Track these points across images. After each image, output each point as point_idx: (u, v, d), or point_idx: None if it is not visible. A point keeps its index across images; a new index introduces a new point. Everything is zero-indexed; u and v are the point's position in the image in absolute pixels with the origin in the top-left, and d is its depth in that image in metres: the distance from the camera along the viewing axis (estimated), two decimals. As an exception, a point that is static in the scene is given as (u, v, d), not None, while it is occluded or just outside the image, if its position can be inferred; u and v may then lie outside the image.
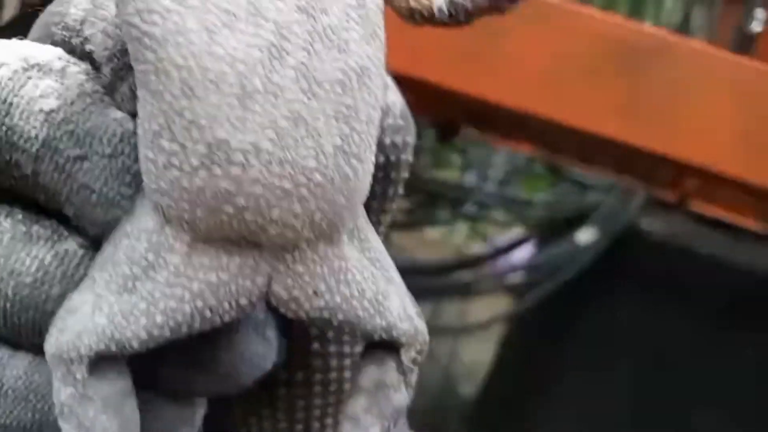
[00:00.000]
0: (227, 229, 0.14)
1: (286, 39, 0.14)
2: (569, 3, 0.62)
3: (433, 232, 1.27)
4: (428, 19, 0.16)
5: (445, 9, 0.16)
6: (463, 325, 1.15)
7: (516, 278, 1.10)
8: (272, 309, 0.17)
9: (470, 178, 1.16)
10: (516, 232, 1.15)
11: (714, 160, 0.61)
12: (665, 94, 0.60)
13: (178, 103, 0.14)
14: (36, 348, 0.16)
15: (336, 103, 0.14)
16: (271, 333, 0.18)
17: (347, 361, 0.21)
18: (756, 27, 1.21)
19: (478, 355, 1.14)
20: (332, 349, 0.21)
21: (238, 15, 0.14)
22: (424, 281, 1.05)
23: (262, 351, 0.17)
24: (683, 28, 1.26)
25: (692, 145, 0.61)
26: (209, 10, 0.14)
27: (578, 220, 1.02)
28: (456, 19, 0.16)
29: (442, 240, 1.25)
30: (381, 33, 0.15)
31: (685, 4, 1.30)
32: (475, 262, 1.13)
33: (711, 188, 0.76)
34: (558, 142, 0.78)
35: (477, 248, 1.18)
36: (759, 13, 1.20)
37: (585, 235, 1.00)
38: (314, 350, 0.20)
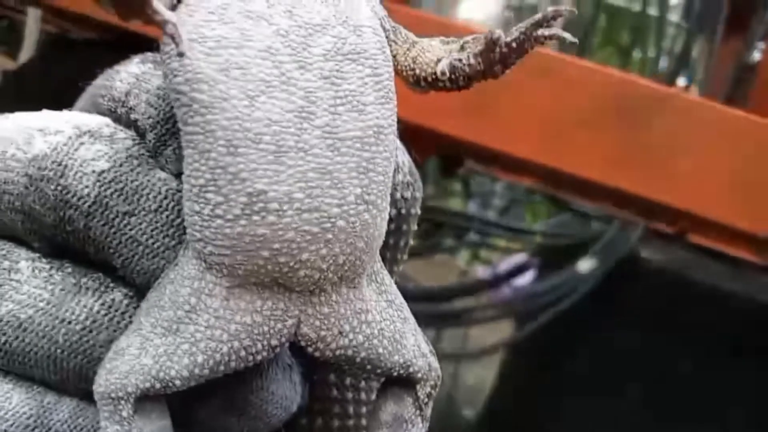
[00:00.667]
0: (262, 273, 0.16)
1: (314, 103, 0.16)
2: (569, 56, 0.64)
3: (437, 258, 1.29)
4: (432, 84, 0.19)
5: (447, 72, 0.18)
6: (465, 350, 1.16)
7: (517, 305, 1.11)
8: (296, 354, 0.19)
9: (473, 207, 1.18)
10: (518, 258, 1.16)
11: (709, 209, 0.63)
12: (661, 145, 0.63)
13: (223, 160, 0.16)
14: (81, 393, 0.18)
15: (357, 158, 0.17)
16: (297, 377, 0.20)
17: (364, 409, 0.22)
18: (756, 57, 1.23)
19: (480, 379, 1.16)
20: (350, 396, 0.22)
21: (273, 83, 0.16)
22: (428, 307, 1.06)
23: (289, 394, 0.19)
24: (684, 57, 1.28)
25: (687, 193, 0.63)
26: (249, 79, 0.16)
27: (579, 249, 1.04)
28: (456, 83, 0.18)
29: (446, 265, 1.27)
30: (393, 96, 0.18)
31: (686, 33, 1.33)
32: (477, 288, 1.14)
33: (708, 227, 0.77)
34: (558, 181, 0.81)
35: (480, 273, 1.20)
36: (759, 44, 1.22)
37: (585, 264, 1.02)
38: (333, 397, 0.22)
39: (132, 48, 0.21)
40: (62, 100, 0.21)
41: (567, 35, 0.18)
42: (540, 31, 0.17)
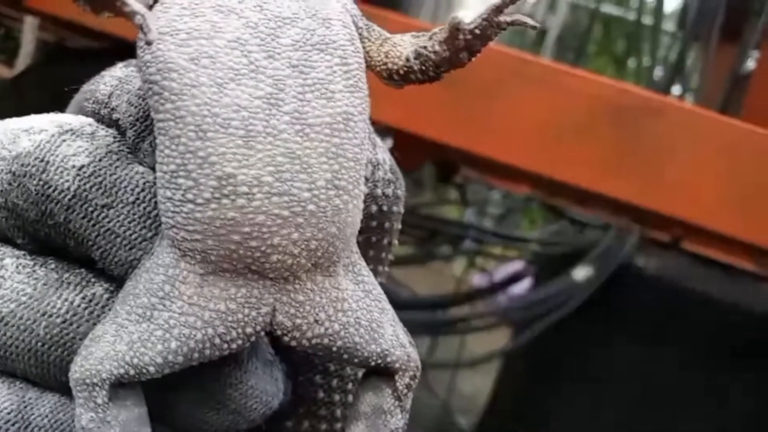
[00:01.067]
0: (234, 258, 0.16)
1: (282, 90, 0.17)
2: (562, 65, 0.64)
3: (433, 266, 1.29)
4: (404, 77, 0.19)
5: (411, 58, 0.18)
6: (461, 358, 1.16)
7: (514, 314, 1.11)
8: (279, 350, 0.19)
9: (469, 215, 1.18)
10: (514, 265, 1.16)
11: (705, 217, 0.64)
12: (657, 153, 0.63)
13: (192, 144, 0.16)
14: (62, 387, 0.18)
15: (326, 143, 0.17)
16: (278, 373, 0.19)
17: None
18: (750, 65, 1.24)
19: (476, 387, 1.15)
20: (337, 398, 0.22)
21: (241, 71, 0.17)
22: (424, 315, 1.06)
23: (270, 389, 0.19)
24: (679, 66, 1.29)
25: (683, 202, 0.63)
26: (218, 68, 0.16)
27: (575, 257, 1.04)
28: (426, 74, 0.18)
29: (442, 272, 1.27)
30: (363, 86, 0.18)
31: (681, 42, 1.33)
32: (473, 297, 1.14)
33: (703, 235, 0.78)
34: (554, 189, 0.81)
35: (476, 281, 1.20)
36: (753, 53, 1.23)
37: (581, 272, 1.02)
38: (320, 399, 0.22)
39: (128, 56, 0.21)
40: (59, 109, 0.22)
41: (528, 20, 0.18)
42: (502, 17, 0.18)
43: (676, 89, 1.33)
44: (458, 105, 0.64)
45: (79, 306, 0.18)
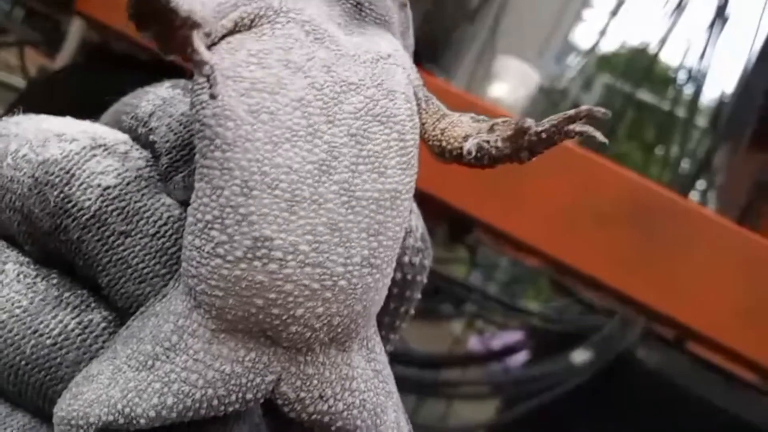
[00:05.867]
0: (252, 321, 0.15)
1: (336, 158, 0.16)
2: (590, 152, 0.64)
3: (432, 323, 1.27)
4: (456, 158, 0.18)
5: (473, 152, 0.18)
6: (446, 424, 1.13)
7: (506, 386, 1.09)
8: (266, 413, 0.18)
9: (476, 277, 1.17)
10: (512, 335, 1.14)
11: (709, 327, 0.62)
12: (670, 254, 0.62)
13: (235, 200, 0.15)
14: (36, 410, 0.17)
15: (369, 219, 0.16)
16: None
17: None
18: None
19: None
20: None
21: (299, 133, 0.16)
22: (413, 373, 1.04)
23: None
24: (706, 162, 1.29)
25: (690, 307, 0.62)
26: (276, 126, 0.16)
27: (575, 338, 1.02)
28: (481, 161, 0.18)
29: (440, 330, 1.24)
30: (415, 163, 0.17)
31: (711, 140, 1.34)
32: (467, 361, 1.12)
33: (708, 343, 0.76)
34: (563, 270, 0.80)
35: (472, 344, 1.17)
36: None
37: (580, 356, 1.00)
38: None
39: (168, 67, 0.20)
40: (92, 109, 0.21)
41: (598, 134, 0.17)
42: (571, 126, 0.17)
43: (700, 184, 1.33)
44: (481, 176, 0.64)
45: (72, 330, 0.17)
